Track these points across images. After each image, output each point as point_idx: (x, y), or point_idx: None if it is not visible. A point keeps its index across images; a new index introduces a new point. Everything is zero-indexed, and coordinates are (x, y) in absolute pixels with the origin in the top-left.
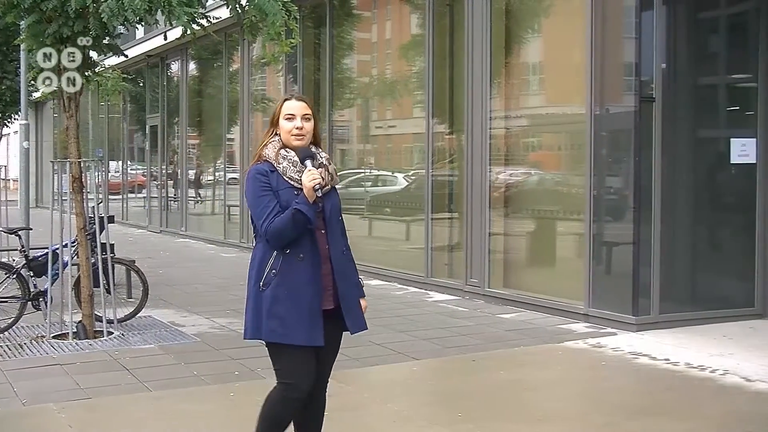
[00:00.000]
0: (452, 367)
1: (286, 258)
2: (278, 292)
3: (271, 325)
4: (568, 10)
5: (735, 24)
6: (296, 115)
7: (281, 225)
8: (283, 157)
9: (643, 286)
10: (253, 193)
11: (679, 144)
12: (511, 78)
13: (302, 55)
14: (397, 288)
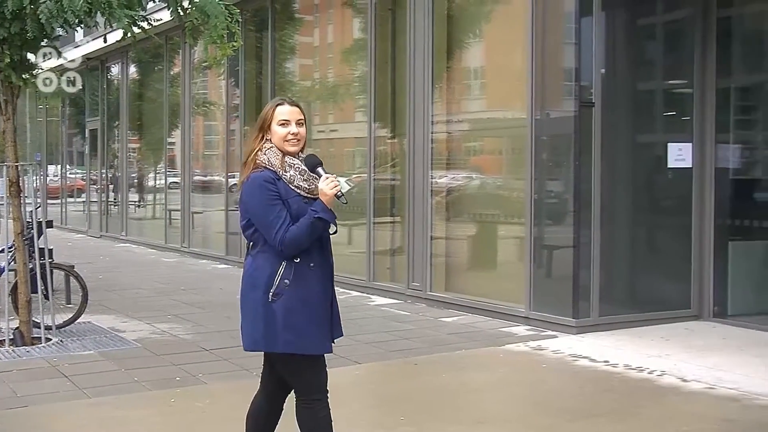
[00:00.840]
0: (394, 370)
1: (298, 267)
2: (293, 303)
3: (287, 336)
4: (509, 16)
5: (672, 31)
6: (291, 121)
7: (299, 234)
8: (289, 165)
9: (583, 288)
10: (261, 202)
11: (618, 148)
12: (452, 82)
13: (244, 58)
14: (340, 292)
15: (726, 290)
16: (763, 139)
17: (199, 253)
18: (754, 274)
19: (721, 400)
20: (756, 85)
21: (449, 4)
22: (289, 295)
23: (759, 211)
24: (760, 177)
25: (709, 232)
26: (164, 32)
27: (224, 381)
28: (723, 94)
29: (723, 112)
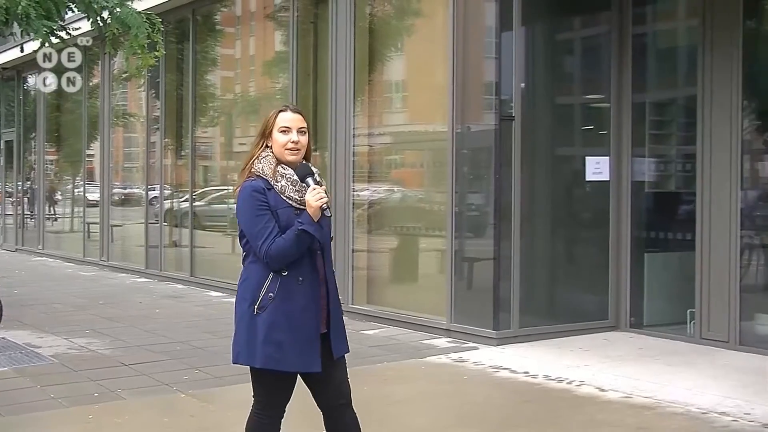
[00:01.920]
0: None
1: (284, 280)
2: (276, 317)
3: (267, 350)
4: (431, 30)
5: (589, 46)
6: (292, 128)
7: (284, 246)
8: (281, 175)
9: (504, 300)
10: (249, 211)
11: (537, 162)
12: (374, 96)
13: (165, 70)
14: None
15: (642, 301)
16: (677, 153)
17: (118, 267)
18: (669, 284)
19: (637, 409)
20: (670, 100)
21: (371, 17)
22: (273, 308)
23: (673, 223)
24: (674, 190)
25: (625, 244)
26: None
27: (143, 396)
28: (639, 109)
29: (639, 126)
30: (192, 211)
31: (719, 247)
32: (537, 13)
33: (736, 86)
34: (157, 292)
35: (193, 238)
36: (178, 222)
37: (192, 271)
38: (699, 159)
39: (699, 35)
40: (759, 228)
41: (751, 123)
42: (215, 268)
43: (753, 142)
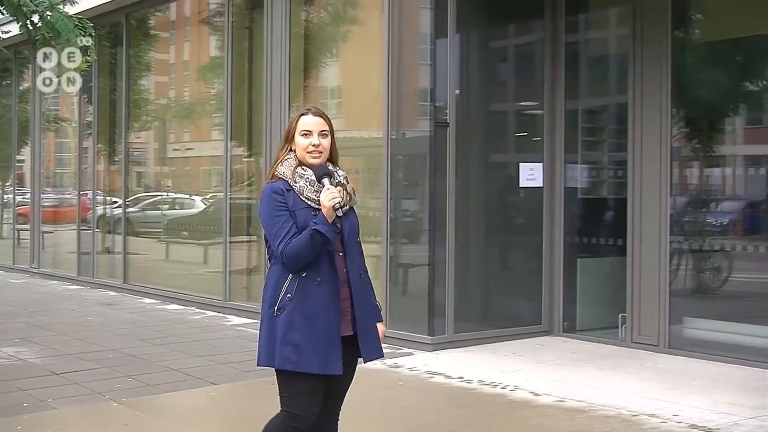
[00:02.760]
0: (251, 391)
1: (302, 281)
2: (294, 317)
3: (285, 352)
4: (366, 36)
5: (523, 54)
6: (313, 131)
7: (299, 246)
8: (299, 175)
9: (439, 306)
10: (268, 212)
11: (471, 168)
12: (309, 101)
13: (98, 74)
14: (195, 312)
15: (575, 306)
16: (609, 160)
17: (49, 274)
18: (601, 289)
19: (570, 412)
20: (602, 108)
21: (307, 23)
22: (291, 309)
23: (605, 228)
24: (606, 196)
25: (559, 249)
26: (13, 46)
27: (75, 406)
28: (571, 116)
29: (572, 133)
30: (125, 217)
31: (649, 252)
32: (471, 21)
33: (666, 94)
34: (90, 299)
35: (127, 244)
36: (111, 228)
37: (125, 278)
38: (630, 165)
39: (630, 44)
40: (687, 233)
41: (680, 130)
42: (149, 275)
43: (682, 149)
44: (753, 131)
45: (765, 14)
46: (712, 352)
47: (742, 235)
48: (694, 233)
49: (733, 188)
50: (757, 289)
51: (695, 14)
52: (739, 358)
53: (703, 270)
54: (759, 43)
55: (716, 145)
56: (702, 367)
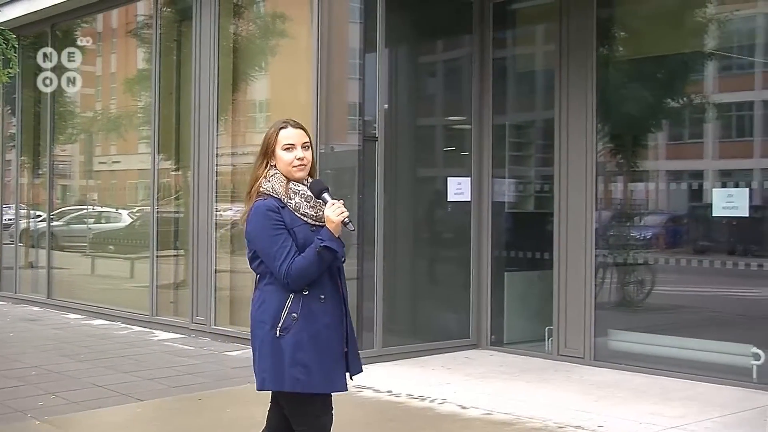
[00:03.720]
0: (178, 407)
1: (306, 300)
2: (301, 337)
3: (294, 373)
4: (295, 50)
5: (451, 69)
6: (296, 144)
7: (306, 265)
8: (294, 192)
9: (367, 320)
10: (264, 231)
11: (400, 182)
12: (238, 115)
13: (21, 86)
14: (121, 327)
15: (502, 319)
16: (536, 174)
17: None
18: (528, 303)
19: (497, 425)
20: (528, 123)
21: (235, 37)
22: (297, 329)
23: (532, 242)
24: (533, 210)
25: (486, 263)
26: None
27: None
28: (499, 131)
29: (499, 148)
30: (50, 231)
31: (575, 266)
32: (400, 36)
33: (591, 110)
34: (12, 315)
35: (51, 258)
36: (34, 242)
37: (49, 293)
38: (556, 180)
39: (556, 60)
40: (612, 247)
41: (605, 146)
42: (74, 290)
43: (607, 164)
44: (675, 147)
45: (686, 33)
46: (636, 364)
47: (665, 248)
48: (619, 247)
49: (656, 203)
50: (679, 301)
51: (619, 32)
52: (662, 369)
53: (628, 283)
54: (680, 60)
55: (639, 160)
56: (626, 378)
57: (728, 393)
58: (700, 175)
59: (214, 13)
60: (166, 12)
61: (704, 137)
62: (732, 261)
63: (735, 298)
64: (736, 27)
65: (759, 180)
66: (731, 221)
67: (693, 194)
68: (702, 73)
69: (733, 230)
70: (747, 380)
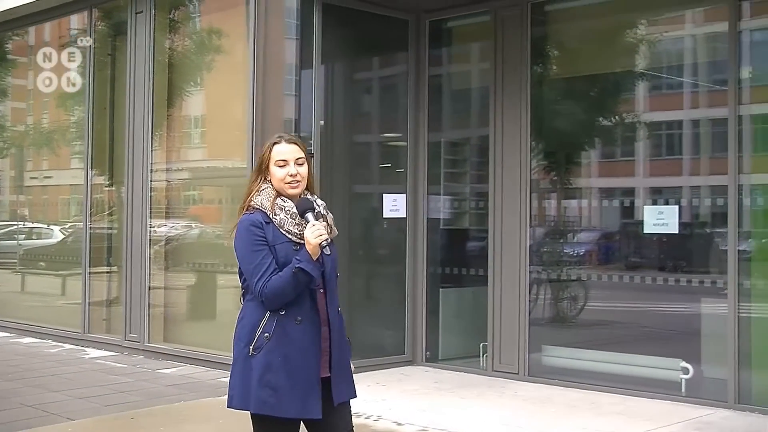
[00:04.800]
0: (110, 425)
1: (281, 320)
2: (271, 358)
3: (262, 395)
4: (231, 66)
5: (387, 86)
6: (289, 161)
7: (280, 284)
8: (280, 207)
9: None
10: (245, 246)
11: (336, 198)
12: (173, 130)
13: None
14: (52, 345)
15: (437, 335)
16: (471, 191)
17: None
18: (463, 319)
19: None
20: (464, 140)
21: (171, 52)
22: (268, 349)
23: (467, 259)
24: (468, 227)
25: (421, 279)
26: None
27: None
28: (434, 148)
29: (434, 164)
30: None
31: (510, 282)
32: (337, 52)
33: (525, 128)
34: None
35: None
36: None
37: None
38: (491, 197)
39: (491, 77)
40: (546, 264)
41: (538, 163)
42: (3, 307)
43: (540, 181)
44: (607, 164)
45: (618, 53)
46: (569, 379)
47: (598, 264)
48: (552, 263)
49: (588, 219)
50: (611, 317)
51: (553, 51)
52: (595, 384)
53: (561, 299)
54: (612, 79)
55: (573, 178)
56: (560, 393)
57: (658, 406)
58: (631, 192)
59: (148, 27)
60: (100, 26)
61: (635, 155)
62: (662, 277)
63: (665, 314)
64: (666, 48)
65: (688, 197)
66: (662, 238)
67: (625, 211)
68: (633, 93)
69: (663, 247)
70: (676, 394)
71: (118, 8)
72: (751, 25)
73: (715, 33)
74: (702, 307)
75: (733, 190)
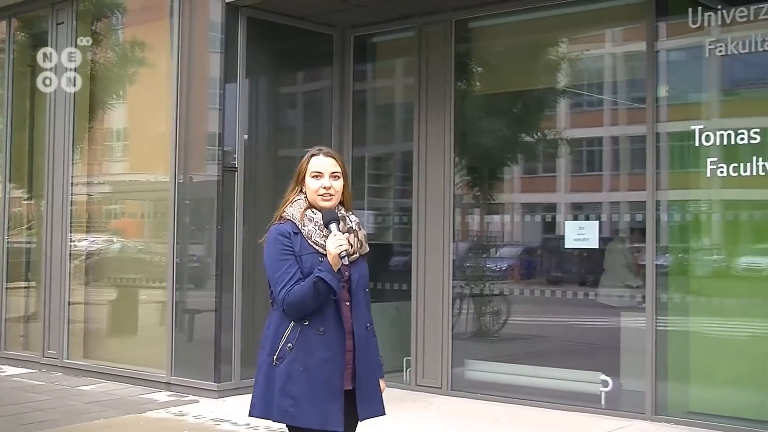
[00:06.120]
0: None
1: (305, 331)
2: (293, 368)
3: (283, 404)
4: (154, 79)
5: (311, 100)
6: (324, 173)
7: (301, 294)
8: (309, 219)
9: (225, 352)
10: (272, 256)
11: (259, 213)
12: (94, 144)
13: None
14: None
15: None
16: (395, 206)
17: None
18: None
19: None
20: (388, 155)
21: (93, 64)
22: (291, 359)
23: (390, 273)
24: (392, 242)
25: None
26: None
27: None
28: (358, 163)
29: (358, 179)
30: None
31: (433, 296)
32: (261, 66)
33: (449, 143)
34: None
35: None
36: None
37: None
38: (415, 212)
39: (415, 93)
40: (469, 278)
41: (462, 178)
42: None
43: (464, 196)
44: (529, 180)
45: (540, 70)
46: (492, 393)
47: (520, 279)
48: (475, 278)
49: (511, 234)
50: (533, 331)
51: (476, 67)
52: (518, 398)
53: (484, 313)
54: (535, 96)
55: (495, 193)
56: (483, 407)
57: (578, 419)
58: (553, 207)
59: (70, 39)
60: (20, 36)
61: (557, 171)
62: (583, 291)
63: (585, 327)
64: (587, 66)
65: (608, 213)
66: (582, 253)
67: (546, 226)
68: (555, 109)
69: (584, 261)
70: (596, 406)
71: (38, 18)
72: (668, 45)
73: (634, 52)
74: (621, 320)
75: (651, 206)
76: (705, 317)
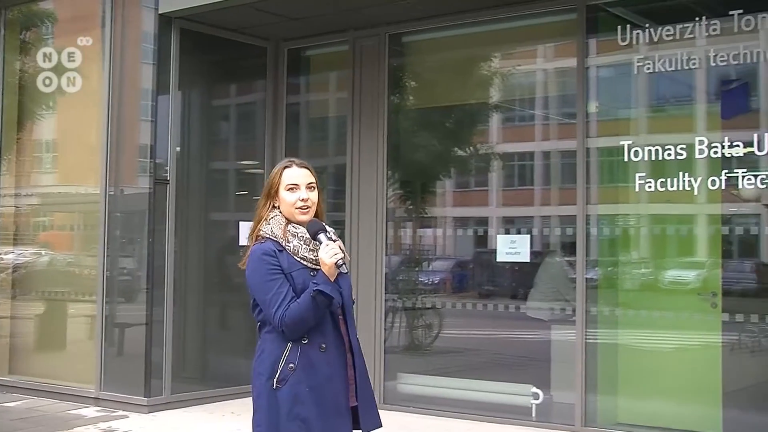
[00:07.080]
0: None
1: (305, 349)
2: (299, 389)
3: (291, 428)
4: (85, 89)
5: (245, 112)
6: (300, 185)
7: (300, 310)
8: (292, 234)
9: (156, 366)
10: (259, 277)
11: (191, 226)
12: (23, 155)
13: None
14: None
15: None
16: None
17: None
18: None
19: None
20: (320, 169)
21: (22, 74)
22: (295, 381)
23: None
24: None
25: None
26: None
27: None
28: None
29: None
30: None
31: (365, 310)
32: (194, 78)
33: (382, 157)
34: None
35: None
36: None
37: None
38: (347, 225)
39: (349, 106)
40: (401, 292)
41: (395, 192)
42: None
43: (397, 210)
44: (462, 194)
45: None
46: (424, 406)
47: (452, 293)
48: (408, 291)
49: (443, 248)
50: (465, 344)
51: (410, 81)
52: (450, 411)
53: (416, 327)
54: (467, 111)
55: (428, 207)
56: (414, 421)
57: (510, 431)
58: (485, 221)
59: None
60: None
61: (489, 185)
62: (514, 304)
63: (516, 341)
64: (519, 81)
65: (539, 227)
66: (514, 266)
67: (479, 240)
68: (487, 124)
69: (515, 275)
70: (527, 419)
71: None
72: (598, 62)
73: (565, 68)
74: (552, 333)
75: (581, 220)
76: (633, 330)
